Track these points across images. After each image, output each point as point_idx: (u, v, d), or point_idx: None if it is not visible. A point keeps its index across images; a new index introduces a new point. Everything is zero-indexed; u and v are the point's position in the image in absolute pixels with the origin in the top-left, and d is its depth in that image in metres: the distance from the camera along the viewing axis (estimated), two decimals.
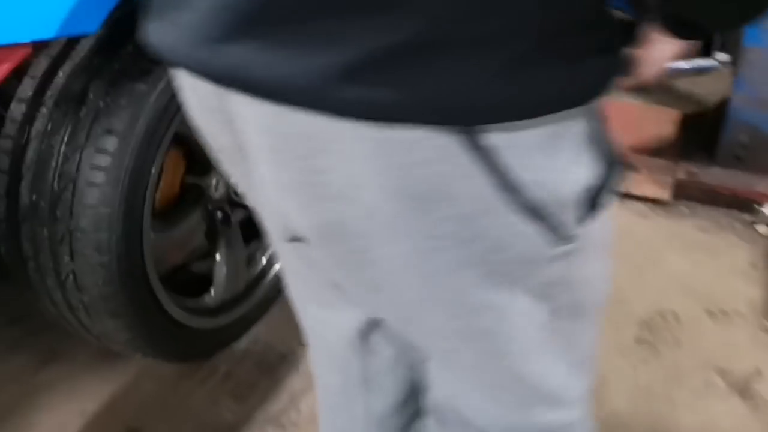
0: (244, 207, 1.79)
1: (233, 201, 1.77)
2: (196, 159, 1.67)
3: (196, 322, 1.70)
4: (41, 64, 1.49)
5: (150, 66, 1.48)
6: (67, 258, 1.45)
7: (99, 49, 1.50)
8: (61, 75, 1.48)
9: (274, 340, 1.90)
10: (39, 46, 1.40)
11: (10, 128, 1.48)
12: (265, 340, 1.90)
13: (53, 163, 1.44)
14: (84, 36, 1.41)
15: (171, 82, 1.52)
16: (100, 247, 1.44)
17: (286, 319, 1.85)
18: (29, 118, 1.47)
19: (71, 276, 1.46)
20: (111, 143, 1.43)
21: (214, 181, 1.73)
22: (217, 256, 1.79)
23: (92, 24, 1.33)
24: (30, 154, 1.45)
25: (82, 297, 1.49)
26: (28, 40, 1.32)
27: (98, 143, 1.43)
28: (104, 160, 1.42)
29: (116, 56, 1.49)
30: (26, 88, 1.49)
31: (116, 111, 1.44)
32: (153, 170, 1.49)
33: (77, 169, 1.43)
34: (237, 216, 1.80)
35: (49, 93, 1.48)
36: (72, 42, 1.48)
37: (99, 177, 1.42)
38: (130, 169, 1.44)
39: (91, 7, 1.32)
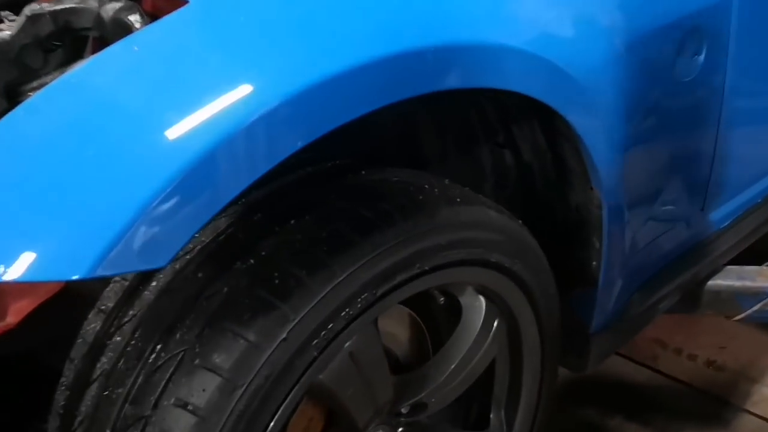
0: None
1: None
2: (341, 413, 1.07)
3: None
4: None
5: (272, 299, 0.91)
6: None
7: (212, 255, 0.97)
8: (153, 285, 0.98)
9: None
10: None
11: (77, 351, 1.00)
12: None
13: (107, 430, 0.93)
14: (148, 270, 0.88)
15: (298, 331, 0.96)
16: None
17: None
18: (100, 345, 0.98)
19: None
20: (183, 423, 0.89)
21: None
22: None
23: (156, 260, 0.78)
24: (87, 401, 0.96)
25: None
26: (66, 279, 0.82)
27: (166, 420, 0.89)
28: None
29: (228, 273, 0.94)
30: (109, 294, 1.01)
31: (200, 373, 0.89)
32: None
33: None
34: None
35: (131, 312, 0.97)
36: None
37: None
38: None
39: (158, 242, 0.77)
